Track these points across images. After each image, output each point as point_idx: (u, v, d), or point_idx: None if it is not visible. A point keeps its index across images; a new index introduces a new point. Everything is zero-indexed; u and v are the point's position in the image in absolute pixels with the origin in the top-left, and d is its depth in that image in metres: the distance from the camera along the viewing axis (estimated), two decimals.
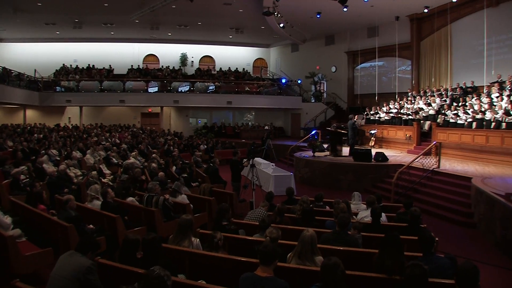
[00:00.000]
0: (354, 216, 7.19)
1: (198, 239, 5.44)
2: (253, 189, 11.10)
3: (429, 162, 13.20)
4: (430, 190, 12.40)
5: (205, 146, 23.28)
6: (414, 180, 12.78)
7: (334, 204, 7.34)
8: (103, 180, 12.06)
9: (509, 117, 14.54)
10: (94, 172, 11.75)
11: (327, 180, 15.30)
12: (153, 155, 16.28)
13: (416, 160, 13.17)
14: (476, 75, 20.22)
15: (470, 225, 10.14)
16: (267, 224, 5.68)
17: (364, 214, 7.17)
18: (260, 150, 21.47)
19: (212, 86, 30.05)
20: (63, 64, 31.61)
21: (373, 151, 15.85)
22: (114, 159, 16.22)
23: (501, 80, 18.04)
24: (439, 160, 13.31)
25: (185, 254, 5.19)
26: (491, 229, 9.00)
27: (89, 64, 32.05)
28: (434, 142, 13.67)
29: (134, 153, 16.61)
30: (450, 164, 14.35)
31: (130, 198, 8.86)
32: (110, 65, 32.18)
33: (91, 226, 7.34)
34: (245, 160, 11.95)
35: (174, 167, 14.10)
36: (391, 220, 7.39)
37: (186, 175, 12.49)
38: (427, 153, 16.95)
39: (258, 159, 16.78)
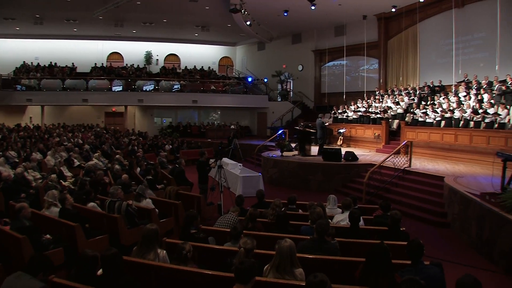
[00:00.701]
0: (330, 220, 6.72)
1: (164, 251, 4.86)
2: (221, 191, 10.55)
3: (400, 161, 12.93)
4: (402, 189, 12.13)
5: (171, 146, 22.64)
6: (385, 179, 12.48)
7: (309, 208, 6.88)
8: (63, 183, 11.25)
9: (477, 116, 14.49)
10: (54, 176, 10.87)
11: (296, 181, 14.88)
12: (117, 156, 15.53)
13: (387, 160, 12.86)
14: (443, 74, 20.30)
15: (443, 225, 9.89)
16: (239, 232, 5.17)
17: (340, 218, 6.72)
18: (227, 150, 20.93)
19: (177, 85, 29.25)
20: (24, 62, 30.13)
21: (343, 151, 15.51)
22: (76, 161, 15.31)
23: (467, 79, 18.16)
24: (410, 159, 13.08)
25: (150, 268, 4.62)
26: (466, 229, 8.75)
27: (51, 62, 30.58)
28: (405, 142, 13.39)
29: (97, 154, 15.78)
30: (420, 163, 14.17)
31: (92, 204, 8.14)
32: (73, 63, 30.88)
33: (47, 236, 6.58)
34: (212, 161, 11.35)
35: (138, 169, 13.40)
36: (367, 223, 6.97)
37: (150, 177, 11.81)
38: (397, 152, 16.91)
39: (225, 160, 16.23)
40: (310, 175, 14.61)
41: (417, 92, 19.74)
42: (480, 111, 14.46)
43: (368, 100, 22.14)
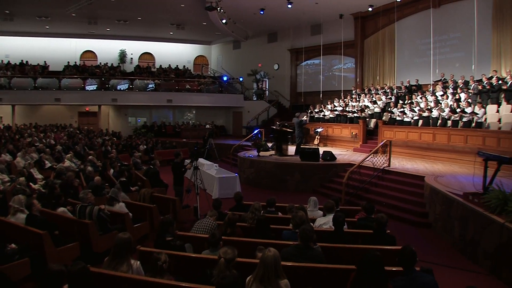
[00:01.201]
0: (312, 224, 6.40)
1: (138, 262, 4.43)
2: (197, 193, 10.16)
3: (379, 161, 12.73)
4: (381, 189, 11.92)
5: (145, 147, 22.07)
6: (364, 179, 12.26)
7: (290, 211, 6.58)
8: (33, 186, 10.64)
9: (455, 115, 14.44)
10: (22, 178, 10.22)
11: (273, 181, 14.56)
12: (90, 157, 14.90)
13: (366, 159, 12.64)
14: (420, 73, 20.36)
15: (424, 225, 9.71)
16: (217, 239, 4.80)
17: (322, 221, 6.40)
18: (203, 151, 20.48)
19: (152, 84, 28.64)
20: None
21: (320, 150, 15.26)
22: (47, 162, 14.62)
23: (444, 79, 18.19)
24: (389, 159, 12.89)
25: (123, 281, 4.21)
26: (448, 230, 8.57)
27: (22, 60, 29.57)
28: (384, 141, 13.20)
29: (69, 155, 15.13)
30: (399, 162, 14.03)
31: (61, 209, 7.58)
32: (45, 61, 30.04)
33: (12, 245, 6.05)
34: (187, 161, 10.91)
35: (111, 170, 12.85)
36: (350, 226, 6.68)
37: (124, 179, 11.29)
38: (376, 152, 16.75)
39: (200, 160, 15.79)
40: (288, 175, 14.30)
41: (394, 91, 19.68)
42: (458, 110, 14.40)
43: (345, 99, 21.99)
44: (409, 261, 3.83)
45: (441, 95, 16.46)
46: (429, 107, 15.70)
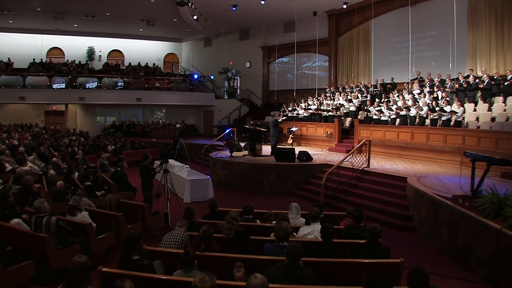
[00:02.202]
0: (294, 233, 5.76)
1: None
2: (167, 198, 9.41)
3: (358, 161, 12.21)
4: (361, 191, 11.38)
5: (113, 147, 21.08)
6: (343, 181, 11.72)
7: (268, 218, 5.92)
8: None
9: (434, 114, 14.10)
10: None
11: (248, 183, 13.90)
12: (54, 159, 13.91)
13: (345, 160, 12.09)
14: (395, 71, 20.07)
15: (408, 229, 9.21)
16: (191, 258, 4.11)
17: (306, 231, 5.74)
18: (172, 153, 19.69)
19: (121, 82, 27.62)
20: None
21: (296, 150, 14.66)
22: (7, 165, 13.51)
23: (420, 77, 17.93)
24: (368, 159, 12.38)
25: None
26: (436, 234, 8.08)
27: None
28: (364, 140, 12.69)
29: (32, 157, 14.12)
30: (378, 162, 13.59)
31: (16, 220, 6.52)
32: (9, 58, 28.42)
33: None
34: (157, 163, 10.07)
35: (76, 173, 11.92)
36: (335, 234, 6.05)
37: (89, 183, 10.42)
38: (349, 151, 16.27)
39: (171, 161, 15.03)
40: (263, 177, 13.66)
41: (369, 90, 19.30)
42: (437, 109, 14.05)
43: (319, 98, 21.52)
44: (421, 285, 3.22)
45: (418, 94, 16.12)
46: (406, 105, 15.32)
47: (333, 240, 5.26)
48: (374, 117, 16.45)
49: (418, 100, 15.39)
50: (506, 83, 14.49)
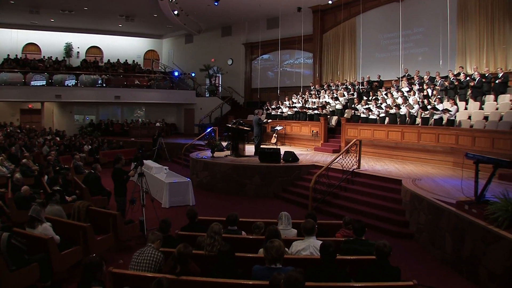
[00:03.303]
0: (287, 249, 4.96)
1: None
2: (142, 205, 8.56)
3: (348, 162, 11.49)
4: (352, 194, 10.66)
5: (90, 147, 20.06)
6: (333, 183, 10.98)
7: (255, 230, 5.12)
8: None
9: (425, 112, 13.50)
10: None
11: (230, 185, 13.09)
12: (23, 160, 12.86)
13: (335, 161, 11.34)
14: (382, 69, 19.53)
15: (405, 236, 8.52)
16: None
17: (300, 246, 4.93)
18: (149, 154, 18.78)
19: (101, 79, 26.54)
20: None
21: (281, 150, 13.87)
22: None
23: (408, 74, 17.39)
24: (359, 160, 11.68)
25: None
26: (437, 243, 7.39)
27: None
28: (354, 140, 11.95)
29: (0, 157, 13.07)
30: (367, 163, 12.91)
31: None
32: None
33: None
34: (134, 165, 9.17)
35: (46, 177, 10.94)
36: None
37: (58, 187, 9.47)
38: (336, 151, 15.64)
39: (149, 163, 14.14)
40: (246, 179, 12.85)
41: (356, 87, 18.66)
42: (429, 107, 13.45)
43: (304, 95, 20.82)
44: None
45: (407, 91, 15.54)
46: (396, 103, 14.70)
47: (341, 258, 4.53)
48: (362, 115, 15.83)
49: (408, 98, 14.79)
50: (497, 81, 14.04)
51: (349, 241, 5.11)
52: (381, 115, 15.12)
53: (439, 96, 13.89)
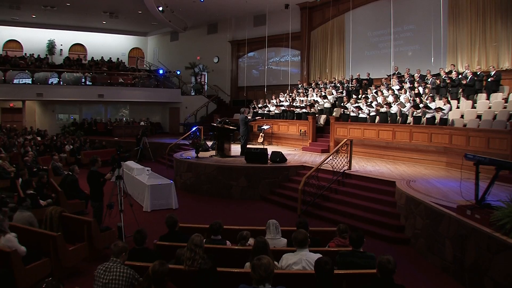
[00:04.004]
0: (276, 263, 4.41)
1: None
2: (120, 210, 7.96)
3: (338, 163, 10.98)
4: (343, 197, 10.15)
5: (71, 147, 19.31)
6: (323, 185, 10.47)
7: (240, 240, 4.59)
8: None
9: (417, 111, 13.08)
10: None
11: (215, 187, 12.50)
12: None
13: (325, 162, 10.82)
14: (372, 67, 19.12)
15: (400, 241, 8.03)
16: None
17: (291, 260, 4.35)
18: (129, 154, 18.08)
19: (86, 77, 25.72)
20: None
21: (269, 150, 13.32)
22: None
23: (398, 72, 16.99)
24: (350, 161, 11.18)
25: None
26: (436, 250, 6.92)
27: None
28: (345, 140, 11.43)
29: None
30: (358, 164, 12.46)
31: None
32: None
33: None
34: (118, 167, 8.52)
35: (20, 179, 10.25)
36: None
37: (32, 191, 8.81)
38: (325, 151, 15.19)
39: (130, 164, 13.48)
40: (232, 181, 12.28)
41: (345, 85, 18.21)
42: (421, 105, 13.03)
43: (291, 94, 20.33)
44: None
45: (398, 90, 15.12)
46: (387, 102, 14.26)
47: (338, 272, 4.00)
48: (352, 114, 15.38)
49: (399, 96, 14.36)
50: (489, 80, 13.70)
51: (346, 253, 4.57)
52: (371, 114, 14.68)
53: (431, 95, 13.50)
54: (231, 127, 14.42)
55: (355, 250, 4.57)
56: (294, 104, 18.58)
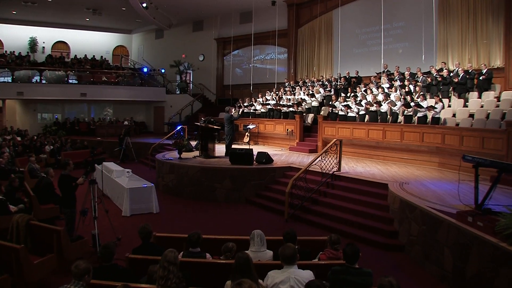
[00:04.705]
0: (261, 281, 3.85)
1: None
2: (94, 217, 7.36)
3: (327, 164, 10.47)
4: (332, 200, 9.64)
5: (51, 147, 18.55)
6: (311, 187, 9.95)
7: (225, 252, 4.07)
8: None
9: (408, 110, 12.64)
10: None
11: (199, 189, 11.91)
12: None
13: (314, 163, 10.30)
14: (360, 64, 18.64)
15: (394, 248, 7.55)
16: None
17: (278, 279, 3.75)
18: (104, 157, 17.43)
19: (73, 76, 25.04)
20: None
21: (254, 151, 12.75)
22: None
23: (387, 70, 16.54)
24: (339, 162, 10.68)
25: None
26: (433, 258, 6.44)
27: None
28: (334, 140, 10.90)
29: None
30: (347, 164, 11.96)
31: None
32: None
33: None
34: (89, 169, 7.88)
35: None
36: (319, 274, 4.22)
37: (1, 196, 8.16)
38: (313, 151, 14.73)
39: (110, 165, 12.82)
40: (216, 183, 11.70)
41: (333, 84, 17.74)
42: (412, 104, 12.59)
43: (278, 92, 19.81)
44: None
45: (388, 88, 14.68)
46: (377, 100, 13.80)
47: None
48: (340, 113, 14.91)
49: (389, 94, 13.92)
50: (481, 78, 13.33)
51: (339, 270, 4.03)
52: (360, 113, 14.22)
53: (422, 93, 13.08)
54: (215, 127, 13.86)
55: (349, 266, 4.04)
56: (281, 102, 18.07)
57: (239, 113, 16.14)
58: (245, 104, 20.11)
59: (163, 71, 28.42)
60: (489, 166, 6.26)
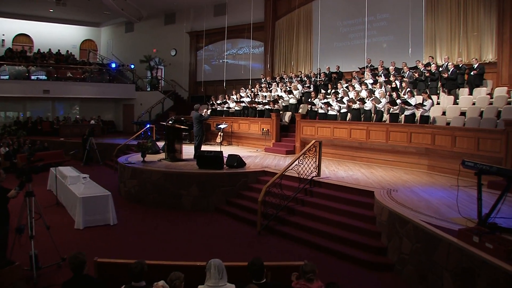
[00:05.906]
0: None
1: None
2: (30, 237, 6.12)
3: (305, 168, 9.36)
4: (311, 209, 8.49)
5: (7, 149, 16.99)
6: (287, 195, 8.83)
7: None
8: None
9: (395, 107, 11.64)
10: None
11: (163, 197, 10.64)
12: None
13: (290, 168, 9.17)
14: (341, 59, 17.65)
15: (382, 268, 6.43)
16: None
17: None
18: (43, 165, 15.99)
19: (41, 72, 23.43)
20: None
21: (225, 153, 11.55)
22: None
23: (371, 65, 15.59)
24: (319, 166, 9.57)
25: None
26: (430, 282, 5.37)
27: None
28: (313, 141, 9.77)
29: None
30: (328, 168, 10.89)
31: None
32: None
33: None
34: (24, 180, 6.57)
35: None
36: None
37: None
38: (290, 152, 13.78)
39: (65, 170, 11.48)
40: (182, 189, 10.44)
41: (312, 79, 16.69)
42: (398, 101, 11.61)
43: (253, 89, 18.70)
44: None
45: (372, 84, 13.70)
46: (360, 97, 12.78)
47: None
48: (320, 111, 13.88)
49: (373, 91, 12.92)
50: (472, 73, 12.44)
51: None
52: (342, 111, 13.19)
53: (409, 89, 12.11)
54: (181, 127, 12.63)
55: None
56: (256, 100, 16.96)
57: (209, 112, 14.93)
58: (218, 102, 18.93)
59: (132, 66, 26.98)
60: (495, 174, 5.25)
